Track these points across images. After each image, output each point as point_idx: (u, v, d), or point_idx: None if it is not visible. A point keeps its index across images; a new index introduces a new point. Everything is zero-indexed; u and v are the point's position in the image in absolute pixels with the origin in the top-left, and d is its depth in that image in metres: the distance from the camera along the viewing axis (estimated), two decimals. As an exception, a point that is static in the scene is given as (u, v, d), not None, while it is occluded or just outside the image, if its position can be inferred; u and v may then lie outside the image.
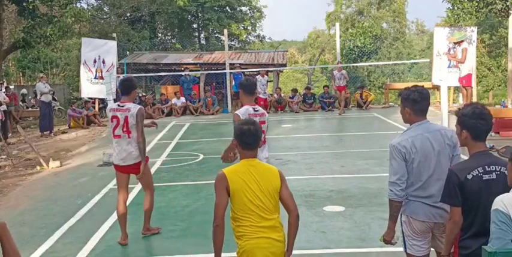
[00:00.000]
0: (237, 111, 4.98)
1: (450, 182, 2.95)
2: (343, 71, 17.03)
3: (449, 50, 14.81)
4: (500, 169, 2.89)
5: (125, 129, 5.24)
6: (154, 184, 7.82)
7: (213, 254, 4.95)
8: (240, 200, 3.05)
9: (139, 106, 5.39)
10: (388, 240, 3.45)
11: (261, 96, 16.03)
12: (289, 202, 3.12)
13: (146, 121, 5.68)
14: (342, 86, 16.53)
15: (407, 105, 3.36)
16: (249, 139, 3.12)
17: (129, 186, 7.70)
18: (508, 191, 2.61)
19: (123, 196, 5.53)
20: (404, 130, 3.47)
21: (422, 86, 3.47)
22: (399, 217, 3.42)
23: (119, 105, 5.32)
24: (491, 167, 2.90)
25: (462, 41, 12.53)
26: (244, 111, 4.89)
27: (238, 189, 3.04)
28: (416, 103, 3.33)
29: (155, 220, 6.11)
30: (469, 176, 2.89)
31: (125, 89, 5.40)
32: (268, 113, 17.93)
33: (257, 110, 4.92)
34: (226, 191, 3.05)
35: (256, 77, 16.31)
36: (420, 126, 3.34)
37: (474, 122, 2.94)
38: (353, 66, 22.66)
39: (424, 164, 3.25)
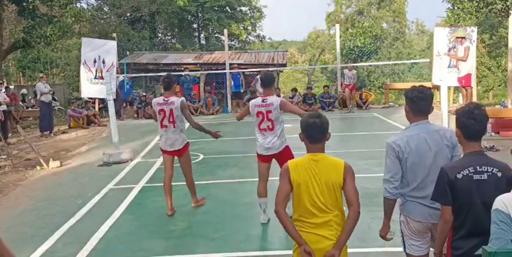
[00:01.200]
0: (250, 102, 5.73)
1: (441, 181, 2.95)
2: (354, 71, 17.17)
3: (449, 50, 14.81)
4: (493, 170, 2.86)
5: (170, 120, 6.03)
6: (154, 184, 7.91)
7: (212, 254, 5.00)
8: (297, 195, 3.06)
9: (181, 99, 6.19)
10: (383, 235, 3.47)
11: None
12: (351, 198, 3.06)
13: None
14: (351, 85, 16.70)
15: (407, 103, 3.40)
16: (314, 132, 3.09)
17: (128, 186, 7.79)
18: (499, 193, 2.61)
19: (168, 173, 6.28)
20: (403, 129, 3.48)
21: (428, 88, 3.46)
22: (399, 216, 3.42)
23: (164, 99, 6.04)
24: (483, 167, 2.87)
25: (464, 38, 12.51)
26: (254, 102, 5.64)
27: (297, 183, 3.04)
28: (413, 102, 3.34)
29: (156, 220, 6.13)
30: (459, 176, 2.87)
31: (167, 85, 6.10)
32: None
33: (265, 101, 5.51)
34: (289, 182, 3.06)
35: (257, 77, 16.25)
36: (418, 126, 3.34)
37: (464, 120, 2.93)
38: (353, 66, 22.65)
39: (418, 164, 3.25)
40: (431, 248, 3.43)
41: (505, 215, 2.45)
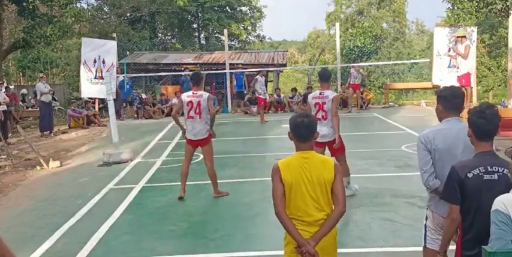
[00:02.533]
0: (308, 96, 6.57)
1: (450, 180, 2.95)
2: (360, 70, 17.13)
3: (449, 50, 14.83)
4: (503, 170, 2.86)
5: (197, 111, 6.63)
6: (154, 184, 7.92)
7: (212, 254, 5.00)
8: (289, 193, 3.07)
9: (208, 93, 6.91)
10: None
11: (261, 96, 15.50)
12: (339, 196, 3.09)
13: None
14: (357, 85, 16.69)
15: (439, 102, 3.49)
16: (302, 131, 3.13)
17: (128, 186, 7.79)
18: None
19: (187, 162, 6.92)
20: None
21: (459, 87, 3.57)
22: (426, 210, 3.50)
23: (193, 93, 6.73)
24: (493, 167, 2.87)
25: (465, 37, 12.51)
26: (312, 94, 6.45)
27: (289, 182, 3.06)
28: (446, 100, 3.43)
29: (156, 220, 6.13)
30: (470, 175, 2.87)
31: (196, 81, 6.81)
32: (267, 113, 17.62)
33: (322, 94, 6.29)
34: (281, 182, 3.08)
35: (256, 77, 16.17)
36: (448, 122, 3.41)
37: (475, 120, 2.93)
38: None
39: (445, 159, 3.28)
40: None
41: (504, 216, 2.45)
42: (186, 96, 6.80)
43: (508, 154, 2.86)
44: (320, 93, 6.31)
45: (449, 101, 3.42)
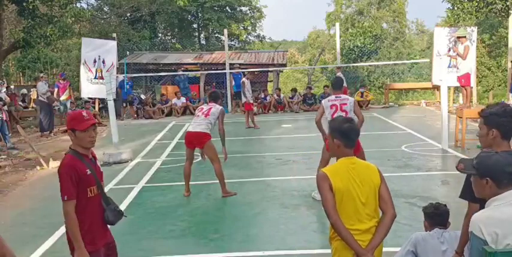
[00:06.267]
0: (322, 100, 6.69)
1: (469, 179, 2.92)
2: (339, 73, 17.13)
3: (449, 50, 14.85)
4: None
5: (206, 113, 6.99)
6: (154, 184, 7.92)
7: (212, 254, 5.00)
8: (339, 201, 2.94)
9: (222, 107, 7.10)
10: None
11: (247, 101, 13.93)
12: (387, 200, 2.99)
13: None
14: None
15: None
16: (354, 137, 3.03)
17: (128, 186, 7.78)
18: None
19: (188, 163, 7.11)
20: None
21: (444, 205, 3.79)
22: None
23: (208, 104, 7.14)
24: None
25: (465, 38, 12.57)
26: (328, 98, 6.54)
27: (339, 189, 2.93)
28: (429, 217, 3.78)
29: (155, 220, 6.13)
30: None
31: (214, 98, 7.22)
32: (267, 113, 17.38)
33: (338, 97, 6.45)
34: (331, 190, 2.93)
35: (243, 80, 14.57)
36: (430, 235, 3.63)
37: (505, 120, 2.89)
38: (353, 66, 22.66)
39: None
40: None
41: (481, 241, 2.39)
42: (204, 105, 7.27)
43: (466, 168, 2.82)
44: (336, 97, 6.48)
45: (431, 217, 3.70)
